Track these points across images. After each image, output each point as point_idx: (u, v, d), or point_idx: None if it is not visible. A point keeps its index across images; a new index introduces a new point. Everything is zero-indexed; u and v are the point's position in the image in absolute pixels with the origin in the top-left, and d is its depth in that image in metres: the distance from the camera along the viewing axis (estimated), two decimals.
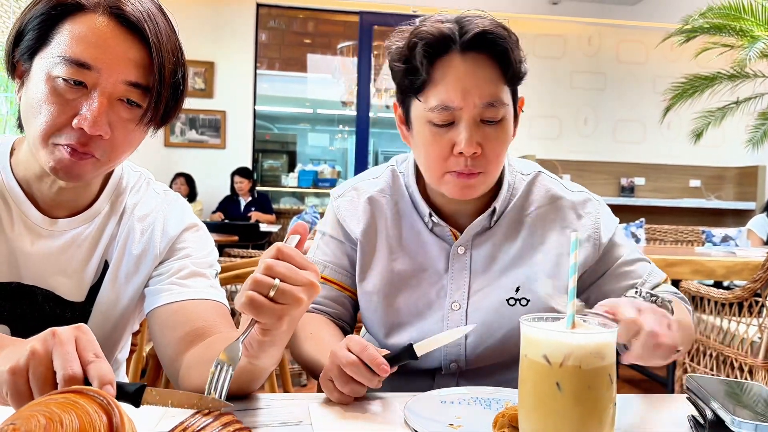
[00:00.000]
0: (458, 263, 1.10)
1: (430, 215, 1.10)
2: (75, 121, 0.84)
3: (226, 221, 5.68)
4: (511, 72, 1.00)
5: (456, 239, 1.11)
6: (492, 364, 1.09)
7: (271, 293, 0.68)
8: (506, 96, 1.01)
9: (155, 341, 0.98)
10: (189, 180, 5.84)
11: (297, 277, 0.69)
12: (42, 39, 0.85)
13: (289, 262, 0.70)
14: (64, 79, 0.83)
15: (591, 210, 1.13)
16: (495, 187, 1.11)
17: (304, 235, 0.76)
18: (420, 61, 0.98)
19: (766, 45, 3.48)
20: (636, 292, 0.94)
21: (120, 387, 0.68)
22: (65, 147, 0.85)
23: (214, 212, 5.96)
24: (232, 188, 5.98)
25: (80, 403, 0.53)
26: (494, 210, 1.10)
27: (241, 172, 5.94)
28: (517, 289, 1.09)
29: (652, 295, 0.91)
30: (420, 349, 0.89)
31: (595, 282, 1.14)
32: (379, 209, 1.14)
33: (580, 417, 0.57)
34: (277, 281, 0.68)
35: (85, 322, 0.99)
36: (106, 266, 1.00)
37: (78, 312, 0.98)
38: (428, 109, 1.00)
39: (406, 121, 1.08)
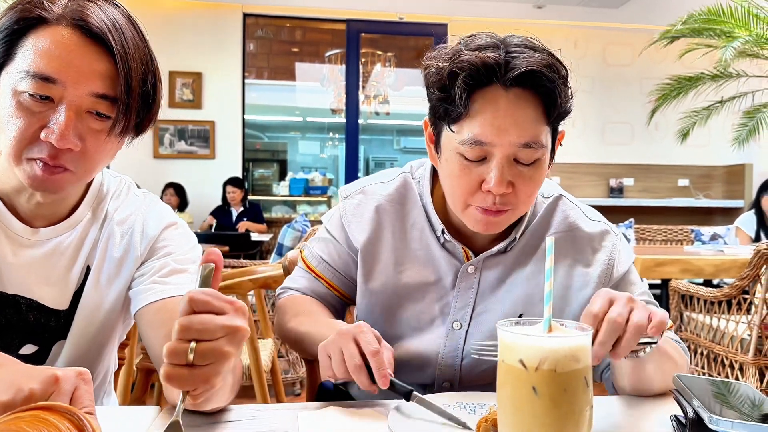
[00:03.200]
0: (466, 282, 1.07)
1: (443, 232, 1.07)
2: (42, 134, 0.83)
3: (215, 231, 5.66)
4: (555, 113, 0.94)
5: (467, 257, 1.07)
6: (485, 383, 1.07)
7: (190, 357, 0.61)
8: (546, 137, 0.94)
9: (145, 343, 0.99)
10: (179, 190, 5.82)
11: (215, 330, 0.62)
12: (7, 54, 0.85)
13: (204, 310, 0.63)
14: (30, 95, 0.83)
15: (607, 244, 1.08)
16: None
17: (219, 262, 0.69)
18: (459, 94, 0.91)
19: (742, 44, 3.52)
20: None
21: None
22: (37, 162, 0.85)
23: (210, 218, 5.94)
24: (224, 198, 5.96)
25: (51, 420, 0.51)
26: (513, 238, 1.06)
27: (233, 182, 5.92)
28: (520, 316, 1.06)
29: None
30: (418, 400, 0.85)
31: None
32: (386, 219, 1.10)
33: (557, 420, 0.57)
34: (192, 344, 0.61)
35: (69, 329, 0.99)
36: (88, 271, 1.00)
37: (63, 320, 0.98)
38: (460, 141, 0.93)
39: (436, 142, 1.02)
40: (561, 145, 1.04)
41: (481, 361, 1.06)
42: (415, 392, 0.86)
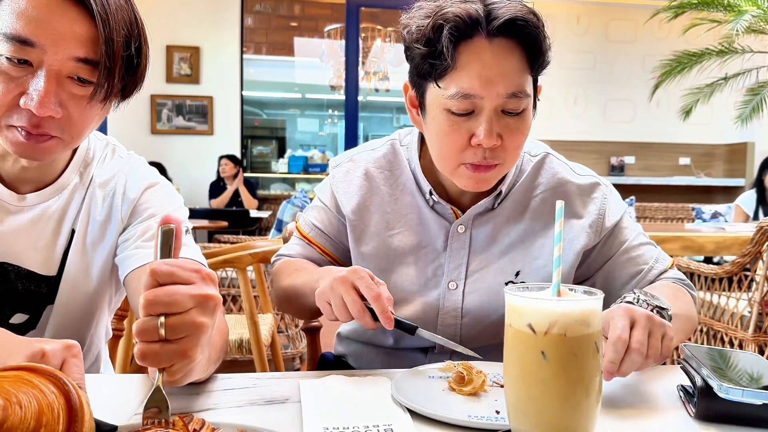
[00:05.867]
0: (457, 242, 1.08)
1: (431, 193, 1.08)
2: (22, 102, 0.80)
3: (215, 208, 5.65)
4: (538, 61, 0.96)
5: (457, 217, 1.08)
6: (486, 345, 1.08)
7: (162, 333, 0.57)
8: (529, 86, 0.96)
9: (134, 311, 0.96)
10: (160, 169, 5.77)
11: (184, 301, 0.58)
12: None
13: (169, 281, 0.59)
14: (7, 58, 0.79)
15: (598, 195, 1.10)
16: None
17: (176, 223, 0.65)
18: (445, 46, 0.91)
19: (753, 18, 3.46)
20: (634, 299, 0.89)
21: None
22: (19, 129, 0.82)
23: (212, 198, 5.92)
24: (218, 173, 5.94)
25: (35, 382, 0.49)
26: (500, 192, 1.07)
27: (228, 156, 5.95)
28: (517, 273, 1.07)
29: (648, 304, 0.87)
30: (422, 332, 0.91)
31: (600, 267, 1.11)
32: (375, 184, 1.12)
33: (566, 385, 0.56)
34: (161, 319, 0.57)
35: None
36: (73, 235, 0.98)
37: (53, 287, 0.97)
38: (447, 96, 0.94)
39: (420, 104, 1.02)
40: (539, 99, 1.05)
41: (481, 319, 1.07)
42: (419, 328, 0.90)
